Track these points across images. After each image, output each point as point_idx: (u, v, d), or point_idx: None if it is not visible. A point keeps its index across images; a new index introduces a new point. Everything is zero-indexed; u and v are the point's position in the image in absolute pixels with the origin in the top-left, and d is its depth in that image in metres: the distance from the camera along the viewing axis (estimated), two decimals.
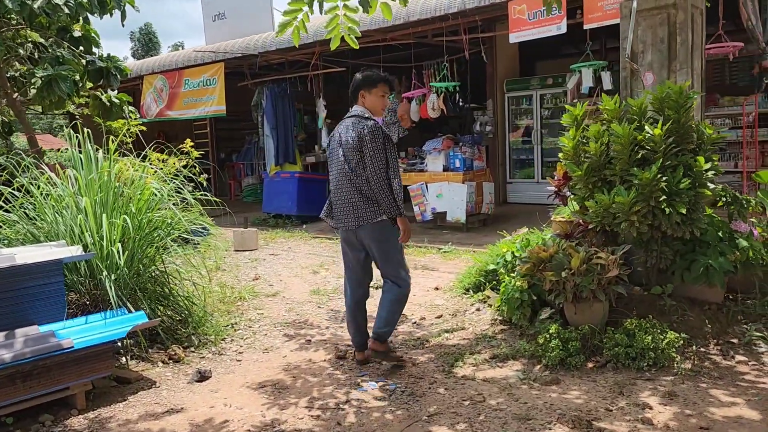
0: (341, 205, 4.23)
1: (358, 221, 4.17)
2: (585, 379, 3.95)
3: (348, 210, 4.19)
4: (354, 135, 4.14)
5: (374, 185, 4.08)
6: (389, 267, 4.28)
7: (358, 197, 4.15)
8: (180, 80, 12.78)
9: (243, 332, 5.25)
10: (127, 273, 4.64)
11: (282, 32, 5.26)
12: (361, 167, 4.13)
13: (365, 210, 4.14)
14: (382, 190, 4.07)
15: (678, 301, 4.63)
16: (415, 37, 9.91)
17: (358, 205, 4.15)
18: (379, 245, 4.21)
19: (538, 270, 4.57)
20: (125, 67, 8.32)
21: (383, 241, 4.21)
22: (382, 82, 4.36)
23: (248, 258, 8.30)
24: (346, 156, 4.19)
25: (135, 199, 4.80)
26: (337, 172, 4.28)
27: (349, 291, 4.48)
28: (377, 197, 4.10)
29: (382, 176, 4.08)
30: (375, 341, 4.29)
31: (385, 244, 4.22)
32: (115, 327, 4.07)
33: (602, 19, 7.01)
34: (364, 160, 4.11)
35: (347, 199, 4.19)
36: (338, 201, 4.26)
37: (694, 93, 4.50)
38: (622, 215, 4.36)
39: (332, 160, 4.35)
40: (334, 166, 4.31)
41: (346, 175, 4.19)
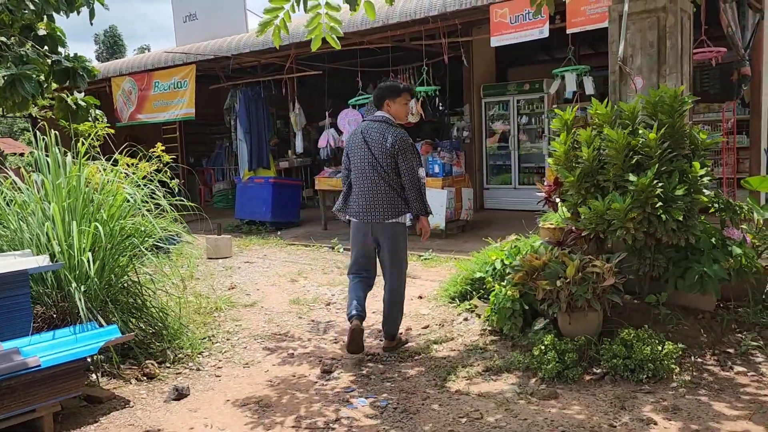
0: (369, 201, 4.60)
1: (383, 216, 4.59)
2: (584, 392, 3.81)
3: (376, 206, 4.59)
4: (389, 140, 4.54)
5: (408, 188, 4.57)
6: (396, 263, 4.72)
7: (387, 196, 4.56)
8: (149, 82, 12.40)
9: (221, 345, 5.00)
10: (97, 284, 4.36)
11: (263, 32, 5.06)
12: (395, 171, 4.56)
13: (392, 208, 4.59)
14: (414, 193, 4.59)
15: (671, 310, 4.54)
16: (392, 40, 9.75)
17: (386, 204, 4.57)
18: (394, 242, 4.66)
19: (531, 279, 4.42)
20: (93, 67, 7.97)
21: (398, 239, 4.68)
22: (406, 92, 4.79)
23: (223, 266, 8.01)
24: (378, 158, 4.56)
25: (107, 205, 4.52)
26: (364, 170, 4.60)
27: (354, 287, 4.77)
28: (409, 198, 4.59)
29: (416, 180, 4.60)
30: (388, 341, 4.77)
31: (399, 242, 4.70)
32: (86, 343, 3.79)
33: (585, 24, 6.95)
34: (398, 165, 4.54)
35: (376, 196, 4.58)
36: (365, 197, 4.61)
37: (688, 97, 4.41)
38: (617, 222, 4.24)
39: (357, 158, 4.65)
40: (361, 164, 4.62)
41: (377, 175, 4.56)
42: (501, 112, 11.70)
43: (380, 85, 4.87)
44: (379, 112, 4.75)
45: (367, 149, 4.60)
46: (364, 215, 4.64)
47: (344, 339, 4.98)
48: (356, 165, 4.66)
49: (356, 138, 4.70)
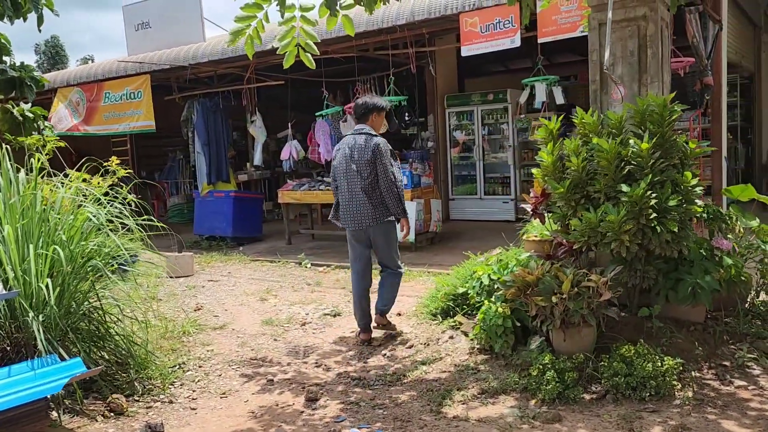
0: (355, 209, 5.05)
1: (370, 221, 5.04)
2: (587, 413, 3.64)
3: (362, 212, 5.03)
4: (369, 151, 4.98)
5: (385, 192, 4.99)
6: (390, 257, 5.22)
7: (370, 202, 5.01)
8: (99, 93, 11.84)
9: (193, 373, 4.65)
10: (57, 312, 3.97)
11: (234, 41, 4.81)
12: (374, 177, 4.99)
13: (376, 212, 5.04)
14: (391, 196, 5.01)
15: (664, 323, 4.43)
16: (357, 50, 9.54)
17: (370, 209, 5.02)
18: (385, 239, 5.14)
19: (523, 294, 4.25)
20: (42, 77, 7.52)
21: (388, 237, 5.15)
22: (386, 109, 5.34)
23: (185, 285, 7.60)
24: (359, 168, 5.01)
25: (66, 225, 4.14)
26: (349, 181, 5.06)
27: (356, 283, 5.26)
28: (387, 202, 5.02)
29: (392, 184, 5.00)
30: (380, 316, 5.24)
31: (389, 239, 5.16)
32: (48, 379, 3.42)
33: (556, 33, 6.89)
34: (377, 171, 4.98)
35: (361, 203, 5.02)
36: (351, 205, 5.07)
37: (677, 106, 4.33)
38: (612, 234, 4.11)
39: (342, 170, 5.11)
40: (346, 175, 5.08)
41: (359, 184, 5.01)
42: (465, 123, 11.62)
43: (364, 99, 5.28)
44: (361, 124, 5.18)
45: (351, 162, 5.04)
46: (352, 223, 5.11)
47: (325, 362, 4.79)
48: (341, 178, 5.13)
49: (342, 152, 5.14)
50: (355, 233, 5.13)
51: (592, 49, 5.29)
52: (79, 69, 12.82)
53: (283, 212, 10.60)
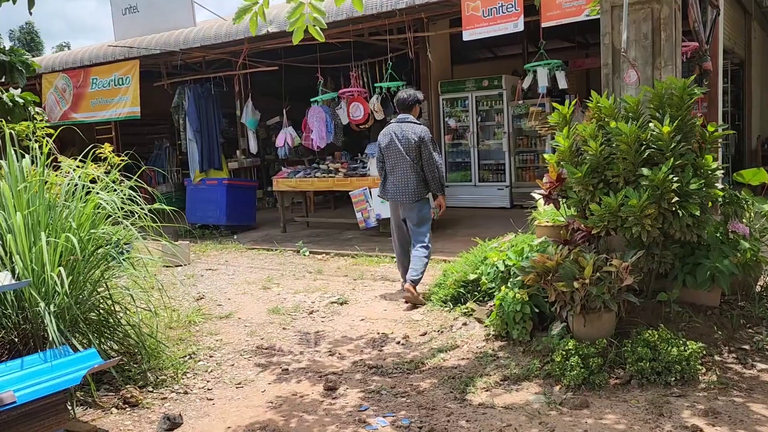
0: (400, 185, 5.85)
1: (409, 197, 5.82)
2: (614, 399, 3.61)
3: (405, 188, 5.83)
4: (415, 137, 5.76)
5: (428, 172, 5.81)
6: (419, 232, 5.92)
7: (413, 180, 5.79)
8: (86, 79, 11.57)
9: (205, 363, 4.55)
10: (67, 302, 3.84)
11: (240, 18, 4.70)
12: (418, 159, 5.79)
13: (417, 189, 5.82)
14: (433, 176, 5.82)
15: (681, 307, 4.42)
16: (353, 35, 9.40)
17: (413, 186, 5.80)
18: (418, 215, 5.88)
19: (544, 280, 4.20)
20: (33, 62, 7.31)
21: (421, 212, 5.90)
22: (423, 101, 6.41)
23: (183, 274, 7.46)
24: (407, 151, 5.78)
25: (76, 213, 4.00)
26: (397, 161, 5.84)
27: (398, 245, 6.16)
28: (428, 180, 5.82)
29: (433, 165, 5.80)
30: (410, 285, 5.72)
31: (422, 215, 5.92)
32: (65, 371, 3.30)
33: (560, 17, 6.82)
34: (421, 154, 5.77)
35: (406, 180, 5.81)
36: (397, 181, 5.86)
37: (698, 89, 4.29)
38: (633, 219, 4.07)
39: (391, 152, 5.88)
40: (394, 157, 5.85)
41: (405, 164, 5.79)
42: (459, 109, 11.55)
43: (408, 93, 6.06)
44: (404, 114, 5.95)
45: (398, 145, 5.81)
46: (395, 197, 5.92)
47: (339, 351, 4.72)
48: (389, 158, 5.90)
49: (388, 137, 5.90)
50: (399, 207, 5.99)
51: (604, 32, 5.23)
52: (64, 54, 12.49)
53: (278, 200, 10.47)
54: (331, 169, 9.75)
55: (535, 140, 11.09)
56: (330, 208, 12.96)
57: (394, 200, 5.94)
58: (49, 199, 3.96)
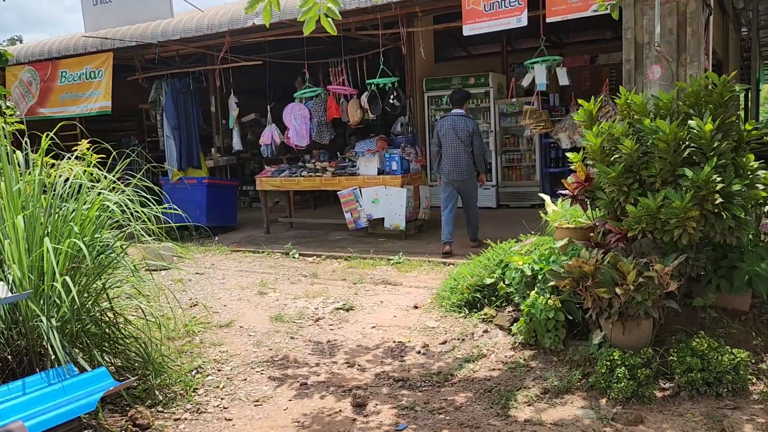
0: (456, 165, 7.41)
1: (464, 175, 7.43)
2: (667, 413, 3.41)
3: (460, 168, 7.40)
4: (470, 128, 7.42)
5: (478, 156, 7.44)
6: (473, 201, 7.70)
7: (466, 162, 7.38)
8: (55, 72, 10.95)
9: (215, 378, 4.20)
10: (70, 315, 3.46)
11: (253, 7, 4.41)
12: (470, 146, 7.38)
13: (469, 169, 7.44)
14: (480, 158, 7.49)
15: (717, 313, 4.27)
16: (340, 29, 9.06)
17: (465, 166, 7.40)
18: (471, 188, 7.59)
19: (582, 286, 3.98)
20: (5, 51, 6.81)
21: (473, 187, 7.63)
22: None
23: (170, 279, 7.02)
24: (462, 139, 7.38)
25: (78, 215, 3.61)
26: (454, 147, 7.38)
27: (447, 213, 7.50)
28: (477, 162, 7.47)
29: (482, 150, 7.50)
30: (473, 240, 7.60)
31: (473, 188, 7.65)
32: (78, 394, 2.93)
33: (567, 12, 6.63)
34: (473, 142, 7.39)
35: (460, 162, 7.39)
36: (454, 162, 7.40)
37: (739, 86, 4.13)
38: (675, 221, 3.88)
39: (449, 140, 7.42)
40: (451, 143, 7.38)
41: (461, 149, 7.36)
42: (445, 107, 11.33)
43: (459, 90, 8.10)
44: (458, 109, 7.58)
45: (454, 133, 7.39)
46: (451, 175, 7.45)
47: (357, 362, 4.44)
48: (446, 143, 7.41)
49: (446, 126, 7.46)
50: (452, 182, 7.46)
51: (626, 27, 5.06)
52: (31, 45, 11.80)
53: (261, 200, 10.07)
54: (318, 168, 9.41)
55: (521, 139, 10.96)
56: (310, 208, 12.61)
57: (449, 177, 7.42)
58: (49, 200, 3.55)
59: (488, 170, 8.06)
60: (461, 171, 7.38)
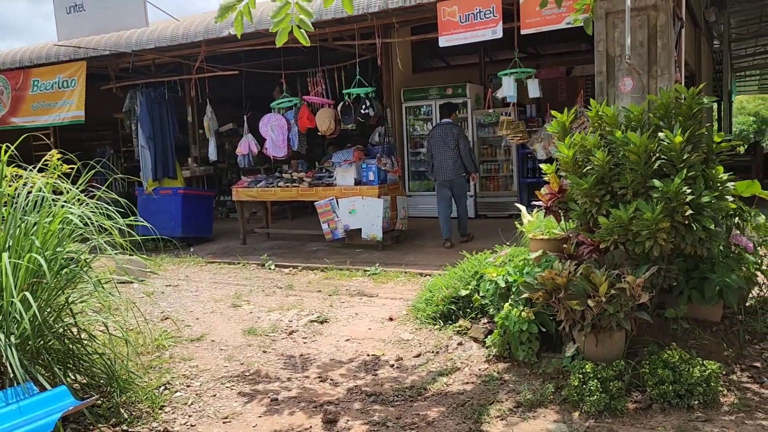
0: (446, 168, 8.26)
1: (453, 176, 8.27)
2: (639, 426, 3.40)
3: (450, 170, 8.25)
4: (455, 133, 8.32)
5: (465, 158, 8.28)
6: (462, 201, 8.54)
7: (454, 164, 8.23)
8: (26, 81, 10.78)
9: (183, 395, 4.11)
10: (30, 332, 3.36)
11: (223, 17, 4.36)
12: (457, 150, 8.23)
13: (457, 171, 8.28)
14: (469, 160, 8.34)
15: (689, 324, 4.28)
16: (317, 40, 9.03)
17: (454, 170, 8.25)
18: (460, 187, 8.41)
19: (554, 298, 3.97)
20: None
21: (462, 186, 8.45)
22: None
23: (141, 292, 6.90)
24: (449, 144, 8.23)
25: (40, 229, 3.51)
26: (443, 152, 8.26)
27: (443, 212, 8.41)
28: (465, 162, 8.29)
29: (468, 153, 8.39)
30: (463, 236, 8.49)
31: (463, 187, 8.48)
32: (34, 415, 2.84)
33: (540, 25, 6.67)
34: (459, 145, 8.24)
35: (449, 164, 8.23)
36: (444, 166, 8.26)
37: (708, 98, 4.17)
38: (647, 232, 3.89)
39: (438, 146, 8.32)
40: (441, 149, 8.27)
41: (450, 152, 8.22)
42: (423, 117, 11.35)
43: (448, 103, 9.16)
44: (446, 119, 8.59)
45: (443, 139, 8.26)
46: (443, 176, 8.31)
47: (330, 376, 4.38)
48: (437, 149, 8.31)
49: (436, 134, 8.42)
50: (444, 182, 8.32)
51: (598, 40, 5.09)
52: (2, 54, 11.59)
53: (238, 210, 9.98)
54: (295, 179, 9.34)
55: (498, 150, 11.01)
56: (288, 219, 12.53)
57: (441, 178, 8.29)
58: (7, 214, 3.46)
59: (477, 169, 9.05)
60: (451, 172, 8.25)
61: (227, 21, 4.09)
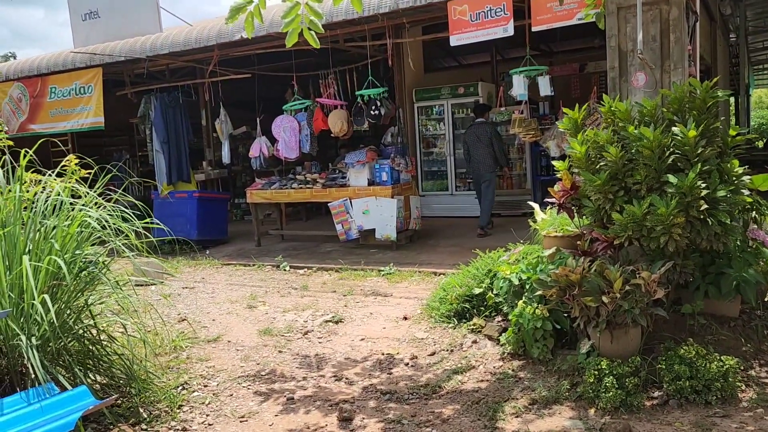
0: (478, 164, 8.95)
1: (485, 171, 8.91)
2: (656, 423, 3.38)
3: (482, 167, 8.92)
4: (488, 132, 8.90)
5: (498, 154, 8.93)
6: (488, 193, 9.01)
7: (486, 161, 8.88)
8: (44, 88, 10.92)
9: (201, 394, 4.15)
10: (50, 333, 3.42)
11: (234, 18, 4.40)
12: (491, 146, 8.85)
13: (489, 167, 8.91)
14: (502, 156, 9.03)
15: (706, 319, 4.25)
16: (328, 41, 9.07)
17: (486, 165, 8.90)
18: (489, 182, 8.96)
19: (568, 295, 3.96)
20: None
21: (491, 181, 9.02)
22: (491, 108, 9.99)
23: (158, 294, 6.96)
24: (484, 142, 8.86)
25: (59, 232, 3.57)
26: (477, 149, 8.90)
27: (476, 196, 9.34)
28: (499, 159, 8.97)
29: (501, 150, 9.02)
30: (481, 228, 8.94)
31: (492, 182, 9.05)
32: (55, 414, 2.89)
33: (552, 21, 6.65)
34: (493, 143, 8.85)
35: (482, 161, 8.89)
36: (477, 161, 8.94)
37: (722, 92, 4.13)
38: (661, 228, 3.87)
39: (474, 143, 8.97)
40: (475, 146, 8.93)
41: (484, 150, 8.85)
42: (435, 116, 11.35)
43: (482, 104, 9.79)
44: (480, 118, 9.15)
45: (477, 138, 8.89)
46: (476, 172, 9.05)
47: (345, 375, 4.40)
48: (472, 146, 8.96)
49: (471, 133, 9.05)
50: (477, 176, 9.07)
51: (610, 35, 5.07)
52: (19, 62, 11.79)
53: (252, 212, 10.04)
54: (309, 180, 9.38)
55: (511, 148, 10.97)
56: (302, 220, 12.57)
57: (476, 173, 9.03)
58: (27, 218, 3.52)
59: (508, 164, 9.92)
60: (484, 167, 8.89)
61: (238, 23, 4.11)
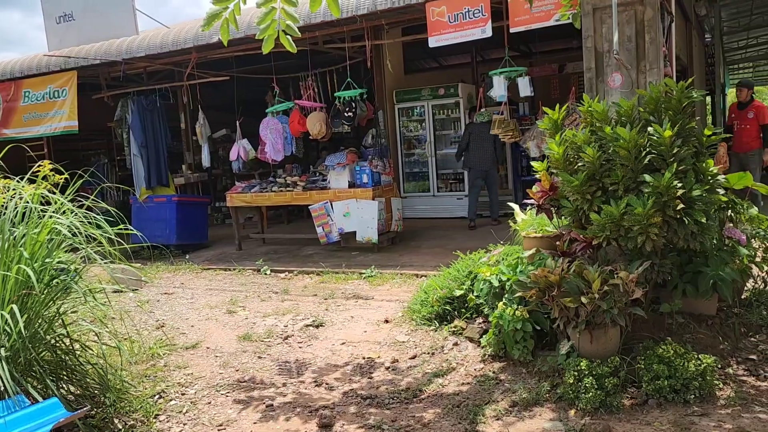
0: (482, 159, 9.51)
1: (488, 167, 9.54)
2: (635, 422, 3.38)
3: (485, 161, 9.50)
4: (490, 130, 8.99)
5: (499, 151, 9.62)
6: (495, 188, 9.80)
7: (489, 156, 9.50)
8: (17, 92, 10.75)
9: (178, 403, 4.08)
10: (20, 344, 3.33)
11: (210, 25, 4.37)
12: (492, 144, 9.40)
13: (492, 162, 9.57)
14: (501, 153, 9.82)
15: (684, 318, 4.27)
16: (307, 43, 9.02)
17: (489, 160, 9.51)
18: (494, 178, 9.75)
19: (548, 296, 3.95)
20: None
21: (496, 176, 9.85)
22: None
23: (136, 301, 6.88)
24: (485, 139, 9.34)
25: (28, 240, 3.49)
26: (479, 145, 9.46)
27: (472, 197, 9.74)
28: (499, 155, 9.71)
29: (501, 147, 9.65)
30: (494, 219, 9.67)
31: (496, 177, 9.87)
32: (27, 427, 2.81)
33: (529, 23, 6.67)
34: (495, 142, 9.32)
35: (485, 156, 9.48)
36: (480, 157, 9.50)
37: (696, 92, 4.15)
38: (638, 228, 3.88)
39: (477, 140, 9.49)
40: (481, 142, 9.45)
41: (488, 146, 9.43)
42: (416, 118, 11.34)
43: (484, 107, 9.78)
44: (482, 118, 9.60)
45: (481, 136, 9.38)
46: (481, 168, 9.55)
47: (325, 380, 4.36)
48: (475, 143, 9.50)
49: (475, 131, 9.51)
50: (478, 172, 9.55)
51: (586, 36, 5.09)
52: None
53: (232, 216, 9.96)
54: (289, 183, 9.32)
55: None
56: (283, 223, 12.50)
57: (479, 167, 9.51)
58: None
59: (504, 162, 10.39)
60: (488, 163, 9.51)
61: (214, 29, 4.06)
